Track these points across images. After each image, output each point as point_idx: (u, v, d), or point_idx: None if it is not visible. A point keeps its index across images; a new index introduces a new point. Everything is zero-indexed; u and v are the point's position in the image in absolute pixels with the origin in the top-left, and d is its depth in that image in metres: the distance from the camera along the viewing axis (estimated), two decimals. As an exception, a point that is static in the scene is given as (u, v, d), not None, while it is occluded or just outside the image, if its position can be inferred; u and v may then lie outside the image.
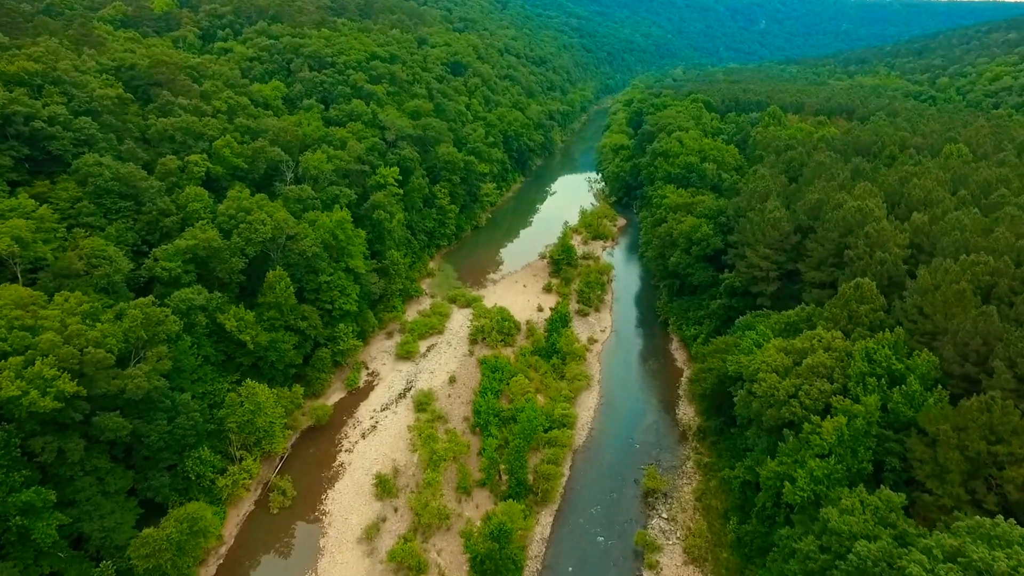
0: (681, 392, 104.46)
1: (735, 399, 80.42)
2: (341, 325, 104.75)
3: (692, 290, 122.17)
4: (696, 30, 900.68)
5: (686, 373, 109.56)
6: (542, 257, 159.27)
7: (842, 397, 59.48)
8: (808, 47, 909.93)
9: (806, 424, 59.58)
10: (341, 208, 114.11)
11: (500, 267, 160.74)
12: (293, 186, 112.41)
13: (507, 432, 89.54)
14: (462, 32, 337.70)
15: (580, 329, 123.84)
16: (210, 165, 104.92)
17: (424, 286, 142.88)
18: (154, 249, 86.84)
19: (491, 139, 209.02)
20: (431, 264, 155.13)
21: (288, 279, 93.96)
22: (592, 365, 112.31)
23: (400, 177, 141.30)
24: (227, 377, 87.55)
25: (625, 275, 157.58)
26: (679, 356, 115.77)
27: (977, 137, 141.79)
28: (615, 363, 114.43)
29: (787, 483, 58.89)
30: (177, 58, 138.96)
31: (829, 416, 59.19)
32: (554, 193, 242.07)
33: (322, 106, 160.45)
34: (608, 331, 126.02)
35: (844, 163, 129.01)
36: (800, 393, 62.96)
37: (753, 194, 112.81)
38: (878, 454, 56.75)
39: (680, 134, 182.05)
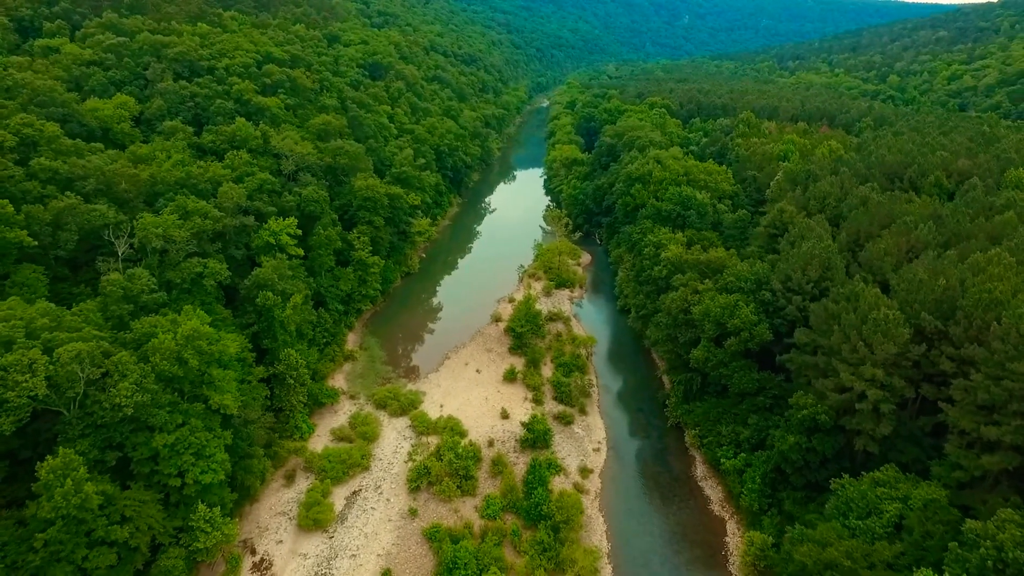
0: (733, 570, 69.79)
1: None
2: (201, 507, 64.40)
3: (720, 389, 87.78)
4: (622, 25, 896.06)
5: (731, 529, 75.07)
6: (496, 320, 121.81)
7: None
8: (731, 42, 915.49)
9: None
10: (197, 306, 73.42)
11: (442, 332, 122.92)
12: (116, 274, 70.62)
13: None
14: (381, 28, 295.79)
15: (565, 451, 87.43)
16: (-43, 252, 62.47)
17: (340, 380, 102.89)
18: None
19: (422, 159, 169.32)
20: (350, 340, 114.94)
21: (84, 469, 52.94)
22: (594, 524, 75.90)
23: (300, 231, 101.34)
24: None
25: (604, 341, 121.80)
26: (712, 492, 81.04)
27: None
28: (625, 516, 78.12)
29: None
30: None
31: None
32: (494, 211, 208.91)
33: (192, 129, 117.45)
34: (603, 449, 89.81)
35: (895, 195, 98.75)
36: None
37: (809, 260, 79.19)
38: None
39: (657, 152, 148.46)
